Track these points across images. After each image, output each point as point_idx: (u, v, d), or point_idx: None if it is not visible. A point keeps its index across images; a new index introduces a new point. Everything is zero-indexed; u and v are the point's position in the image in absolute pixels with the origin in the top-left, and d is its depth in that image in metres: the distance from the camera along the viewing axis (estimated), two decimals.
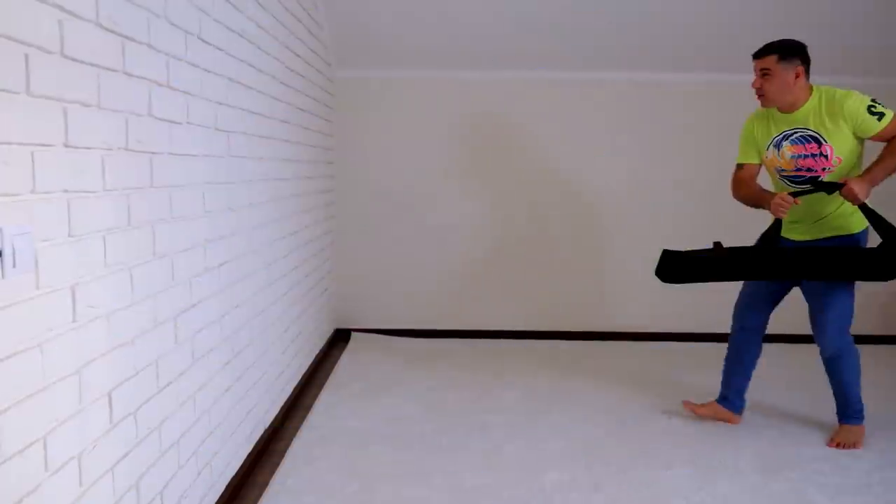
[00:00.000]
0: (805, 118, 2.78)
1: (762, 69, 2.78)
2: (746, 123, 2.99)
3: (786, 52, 2.74)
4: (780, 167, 2.87)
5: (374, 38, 4.12)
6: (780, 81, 2.75)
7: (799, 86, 2.76)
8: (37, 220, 1.31)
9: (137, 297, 1.72)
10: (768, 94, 2.79)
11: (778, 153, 2.85)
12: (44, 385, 1.35)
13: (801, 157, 2.80)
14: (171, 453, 1.94)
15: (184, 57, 1.97)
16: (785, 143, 2.82)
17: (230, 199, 2.39)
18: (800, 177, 2.82)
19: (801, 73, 2.75)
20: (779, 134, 2.84)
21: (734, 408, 3.11)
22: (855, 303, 4.60)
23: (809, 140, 2.77)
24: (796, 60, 2.74)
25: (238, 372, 2.50)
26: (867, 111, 2.70)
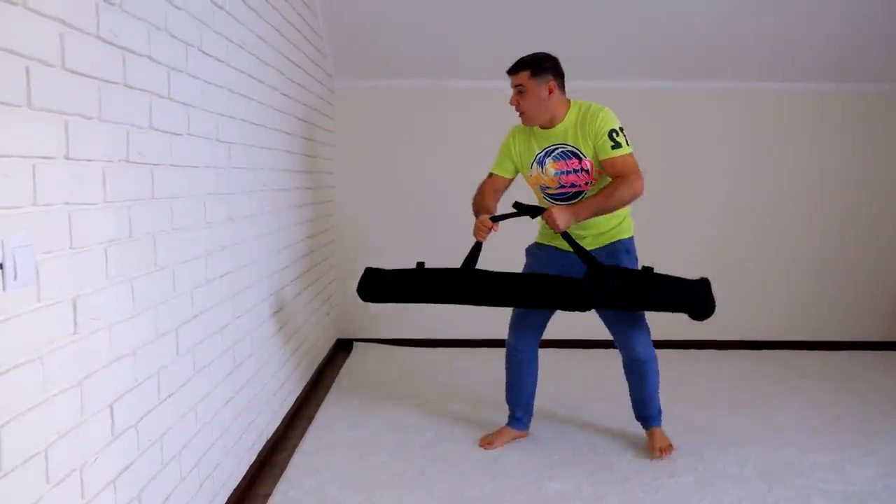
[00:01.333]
0: (564, 133, 2.73)
1: (516, 85, 2.71)
2: (508, 136, 2.91)
3: (537, 67, 2.66)
4: (544, 184, 2.81)
5: (375, 48, 4.14)
6: (534, 97, 2.68)
7: (554, 101, 2.70)
8: (38, 232, 1.32)
9: (138, 309, 1.72)
10: (527, 111, 2.72)
11: (542, 170, 2.78)
12: (45, 397, 1.34)
13: (564, 174, 2.75)
14: (172, 465, 1.93)
15: (184, 69, 1.98)
16: (547, 159, 2.77)
17: (231, 210, 2.39)
18: (563, 193, 2.77)
19: (554, 87, 2.68)
20: (541, 150, 2.77)
21: (522, 426, 3.02)
22: (860, 309, 4.62)
23: (570, 156, 2.73)
24: (548, 75, 2.67)
25: (240, 383, 2.50)
26: (608, 134, 2.64)
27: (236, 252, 2.45)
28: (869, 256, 4.56)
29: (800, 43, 4.10)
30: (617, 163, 2.65)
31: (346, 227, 4.48)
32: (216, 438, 2.26)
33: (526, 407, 3.03)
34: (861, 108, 4.45)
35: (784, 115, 4.46)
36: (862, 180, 4.51)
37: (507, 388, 3.05)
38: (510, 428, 3.02)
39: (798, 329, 4.61)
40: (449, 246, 4.49)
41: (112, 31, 1.57)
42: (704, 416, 3.27)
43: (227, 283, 2.36)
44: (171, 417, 1.92)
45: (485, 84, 4.37)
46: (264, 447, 2.79)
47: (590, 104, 2.74)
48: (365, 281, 2.85)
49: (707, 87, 4.39)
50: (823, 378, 3.91)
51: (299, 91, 3.38)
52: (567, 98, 2.77)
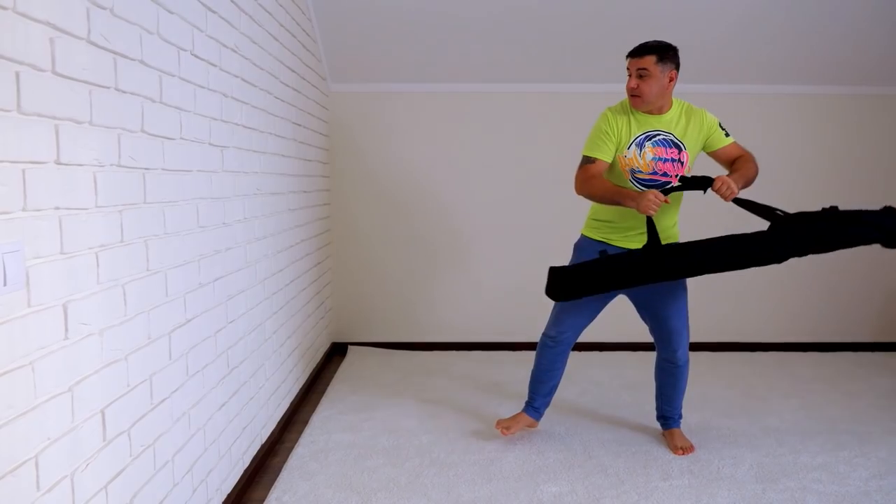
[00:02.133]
0: (670, 123, 2.77)
1: (640, 69, 2.70)
2: (602, 118, 2.83)
3: (664, 54, 2.69)
4: (636, 168, 2.77)
5: (369, 52, 4.14)
6: (656, 83, 2.69)
7: (670, 90, 2.74)
8: (28, 237, 1.31)
9: (130, 314, 1.71)
10: (645, 95, 2.71)
11: (639, 153, 2.77)
12: (35, 403, 1.34)
13: (661, 161, 2.76)
14: (165, 471, 1.92)
15: (177, 73, 1.98)
16: (647, 143, 2.76)
17: (224, 214, 2.39)
18: (654, 181, 2.77)
19: (675, 76, 2.72)
20: (641, 133, 2.77)
21: (538, 414, 3.07)
22: (852, 309, 4.63)
23: (671, 145, 2.76)
24: (671, 64, 2.70)
25: (233, 387, 2.49)
26: (718, 126, 2.81)
27: (230, 256, 2.45)
28: (860, 258, 4.57)
29: (800, 46, 4.11)
30: (733, 148, 2.83)
31: (341, 230, 4.48)
32: (210, 443, 2.26)
33: (546, 398, 3.07)
34: (856, 109, 4.47)
35: (779, 116, 4.47)
36: (855, 182, 4.52)
37: (533, 376, 3.07)
38: (525, 414, 3.06)
39: (791, 330, 4.63)
40: (445, 247, 4.51)
41: (103, 35, 1.56)
42: (698, 418, 3.27)
43: (221, 287, 2.36)
44: (163, 422, 1.91)
45: (480, 87, 4.38)
46: (258, 452, 2.78)
47: (689, 104, 2.84)
48: (554, 281, 2.74)
49: (705, 90, 4.40)
50: (816, 379, 3.92)
51: (293, 95, 3.38)
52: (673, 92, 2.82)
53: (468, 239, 4.51)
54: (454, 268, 4.53)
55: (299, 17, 3.53)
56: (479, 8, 3.84)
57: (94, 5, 1.53)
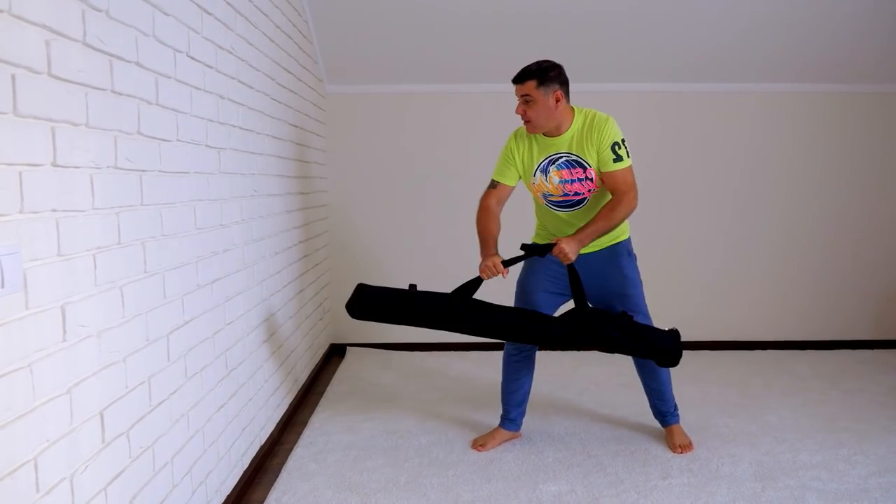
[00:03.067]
0: (569, 142, 2.72)
1: (523, 95, 2.67)
2: (508, 142, 2.86)
3: (543, 76, 2.64)
4: (547, 192, 2.79)
5: (366, 53, 4.14)
6: (542, 107, 2.66)
7: (561, 110, 2.68)
8: (25, 239, 1.31)
9: (128, 316, 1.71)
10: (534, 120, 2.69)
11: (546, 178, 2.77)
12: (34, 405, 1.34)
13: (568, 182, 2.74)
14: (164, 473, 1.92)
15: (173, 74, 1.98)
16: (552, 167, 2.75)
17: (222, 216, 2.39)
18: (567, 201, 2.78)
19: (561, 96, 2.67)
20: (544, 159, 2.75)
21: (516, 426, 3.04)
22: (850, 308, 4.64)
23: (575, 165, 2.72)
24: (554, 84, 2.66)
25: (232, 389, 2.49)
26: (611, 147, 2.67)
27: (227, 258, 2.45)
28: (859, 255, 4.58)
29: (798, 45, 4.11)
30: (617, 176, 2.69)
31: (339, 231, 4.48)
32: (209, 445, 2.26)
33: (520, 407, 3.03)
34: (853, 108, 4.47)
35: (775, 116, 4.48)
36: (851, 180, 4.53)
37: (504, 389, 3.05)
38: (503, 429, 3.02)
39: (789, 329, 4.63)
40: (441, 249, 4.51)
41: (99, 37, 1.57)
42: (697, 417, 3.27)
43: (219, 288, 2.36)
44: (162, 424, 1.91)
45: (476, 88, 4.38)
46: (258, 453, 2.78)
47: (595, 113, 2.74)
48: (355, 298, 2.78)
49: (703, 89, 4.41)
50: (815, 377, 3.93)
51: (290, 96, 3.38)
52: (572, 106, 2.76)
53: (465, 240, 4.50)
54: (452, 269, 4.52)
55: (295, 18, 3.53)
56: (475, 9, 3.84)
57: (90, 7, 1.53)
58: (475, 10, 3.85)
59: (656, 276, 4.56)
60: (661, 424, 3.03)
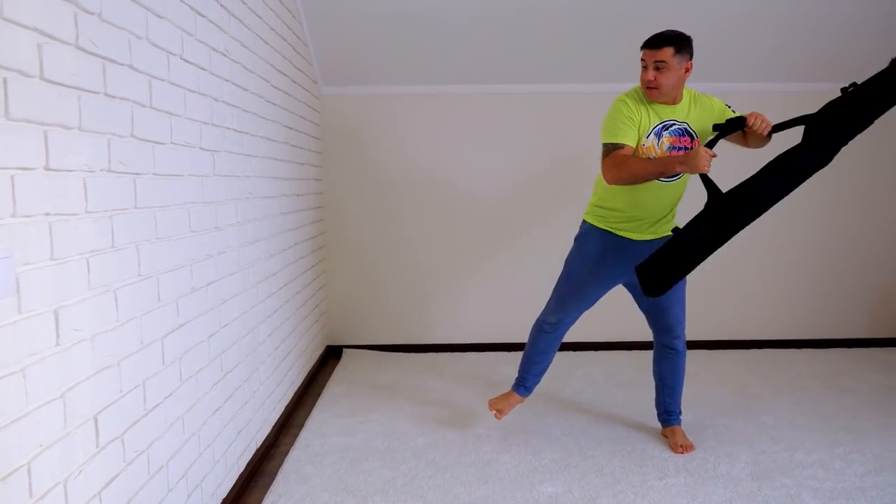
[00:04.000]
0: (683, 112, 2.77)
1: (657, 61, 2.65)
2: (621, 104, 2.77)
3: (681, 44, 2.66)
4: (652, 156, 2.75)
5: (360, 55, 4.14)
6: (674, 74, 2.66)
7: (684, 81, 2.73)
8: (18, 243, 1.31)
9: (122, 319, 1.71)
10: (663, 87, 2.67)
11: (657, 142, 2.75)
12: (27, 410, 1.33)
13: (676, 150, 2.75)
14: (159, 477, 1.92)
15: (166, 77, 1.97)
16: (665, 133, 2.74)
17: (216, 219, 2.38)
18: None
19: (691, 67, 2.70)
20: (659, 123, 2.74)
21: (529, 392, 3.13)
22: (846, 306, 4.64)
23: (684, 134, 2.76)
24: (688, 54, 2.68)
25: (227, 392, 2.49)
26: (726, 107, 2.83)
27: (222, 260, 2.44)
28: (853, 254, 4.59)
29: (791, 44, 4.13)
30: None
31: (335, 233, 4.47)
32: (204, 448, 2.25)
33: (538, 378, 3.12)
34: None
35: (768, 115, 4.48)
36: (844, 180, 4.54)
37: (528, 357, 3.10)
38: (516, 394, 3.11)
39: (784, 327, 4.64)
40: (439, 250, 4.51)
41: (91, 40, 1.56)
42: (693, 416, 3.28)
43: (214, 291, 2.35)
44: (157, 428, 1.91)
45: (471, 89, 4.38)
46: (254, 456, 2.77)
47: (696, 91, 2.83)
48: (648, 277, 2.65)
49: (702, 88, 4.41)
50: (810, 376, 3.93)
51: (284, 98, 3.37)
52: None
53: (462, 241, 4.51)
54: (448, 270, 4.53)
55: (290, 20, 3.52)
56: (470, 10, 3.84)
57: (82, 10, 1.53)
58: (469, 13, 3.85)
59: None
60: (663, 424, 3.04)
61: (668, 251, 2.63)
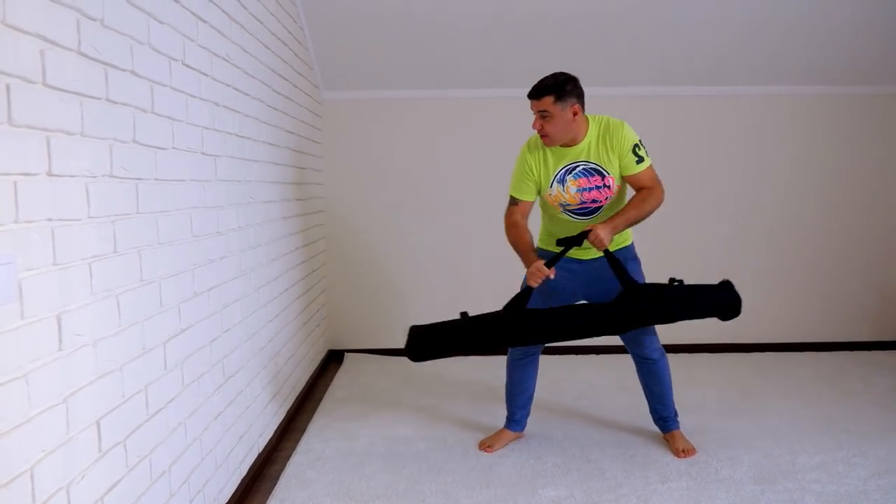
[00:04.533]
0: (587, 151, 2.72)
1: (540, 111, 2.66)
2: (522, 155, 2.83)
3: (560, 91, 2.63)
4: (564, 202, 2.79)
5: (362, 60, 4.15)
6: (560, 121, 2.65)
7: (578, 122, 2.69)
8: (20, 249, 1.31)
9: (124, 324, 1.71)
10: (551, 135, 2.68)
11: (563, 188, 2.76)
12: (30, 415, 1.33)
13: (586, 191, 2.74)
14: (161, 481, 1.92)
15: (168, 83, 1.98)
16: (568, 177, 2.74)
17: (218, 224, 2.38)
18: (584, 209, 2.78)
19: (579, 109, 2.67)
20: (561, 168, 2.75)
21: (521, 427, 3.08)
22: (849, 309, 4.63)
23: (592, 173, 2.72)
24: (571, 98, 2.65)
25: (230, 396, 2.49)
26: (632, 150, 2.70)
27: (224, 265, 2.44)
28: (856, 257, 4.59)
29: (796, 47, 4.13)
30: (642, 176, 2.73)
31: (336, 237, 4.48)
32: (206, 453, 2.25)
33: (525, 409, 3.07)
34: (849, 110, 4.48)
35: (772, 118, 4.49)
36: (849, 182, 4.54)
37: (509, 391, 3.07)
38: (508, 430, 3.05)
39: (787, 330, 4.63)
40: (440, 254, 4.51)
41: (93, 46, 1.57)
42: (696, 420, 3.27)
43: (215, 296, 2.35)
44: (159, 433, 1.91)
45: (473, 94, 4.39)
46: (255, 460, 2.77)
47: (608, 119, 2.75)
48: (412, 342, 2.73)
49: (698, 92, 4.42)
50: (813, 379, 3.93)
51: (286, 103, 3.38)
52: (586, 116, 2.76)
53: (463, 245, 4.51)
54: (449, 274, 4.53)
55: (291, 25, 3.53)
56: (471, 14, 3.85)
57: (84, 17, 1.53)
58: (471, 17, 3.86)
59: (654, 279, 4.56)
60: (662, 430, 3.03)
61: (448, 328, 2.71)
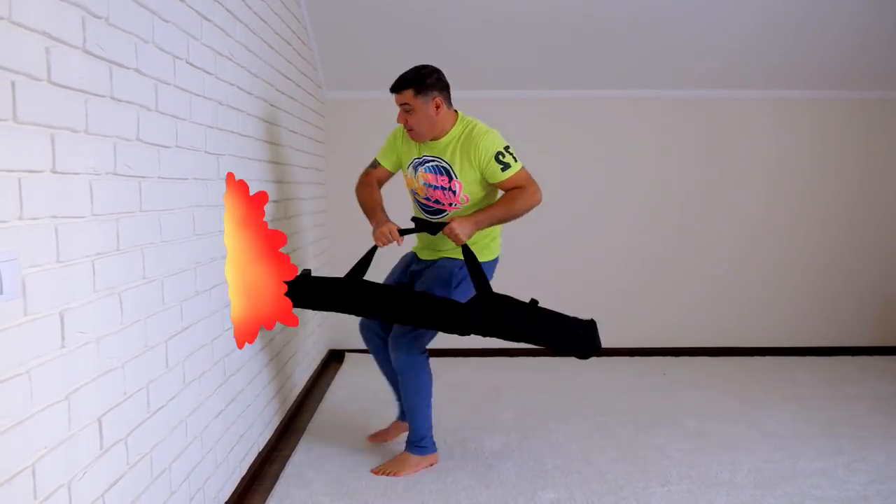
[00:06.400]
0: (444, 148, 2.69)
1: (402, 104, 2.64)
2: (394, 131, 2.85)
3: (420, 84, 2.61)
4: (414, 189, 2.78)
5: (365, 60, 4.15)
6: (422, 114, 2.63)
7: (442, 116, 2.65)
8: (24, 246, 1.31)
9: (127, 322, 1.71)
10: (415, 128, 2.66)
11: (415, 175, 2.76)
12: (32, 412, 1.34)
13: (431, 188, 2.72)
14: (162, 479, 1.92)
15: (172, 81, 1.98)
16: (421, 168, 2.73)
17: (220, 222, 2.38)
18: (429, 206, 2.77)
19: (441, 102, 2.64)
20: (419, 157, 2.74)
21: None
22: (850, 314, 4.62)
23: (442, 172, 2.70)
24: (433, 91, 2.62)
25: (231, 395, 2.49)
26: (495, 158, 2.62)
27: None
28: (857, 262, 4.59)
29: (800, 52, 4.13)
30: (510, 182, 2.66)
31: (338, 237, 4.47)
32: (207, 451, 2.25)
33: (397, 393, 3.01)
34: (853, 115, 4.48)
35: (775, 123, 4.49)
36: (849, 187, 4.54)
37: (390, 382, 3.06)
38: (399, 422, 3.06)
39: (788, 335, 4.63)
40: None
41: (98, 44, 1.57)
42: (696, 424, 3.27)
43: (217, 294, 2.36)
44: (160, 431, 1.91)
45: (476, 94, 4.38)
46: (256, 459, 2.77)
47: (475, 124, 2.69)
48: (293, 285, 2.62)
49: (701, 96, 4.42)
50: (814, 384, 3.92)
51: (289, 102, 3.38)
52: (454, 111, 2.72)
53: None
54: None
55: (295, 25, 3.54)
56: (474, 15, 3.85)
57: (90, 14, 1.53)
58: (474, 17, 3.86)
59: (656, 283, 4.57)
60: None
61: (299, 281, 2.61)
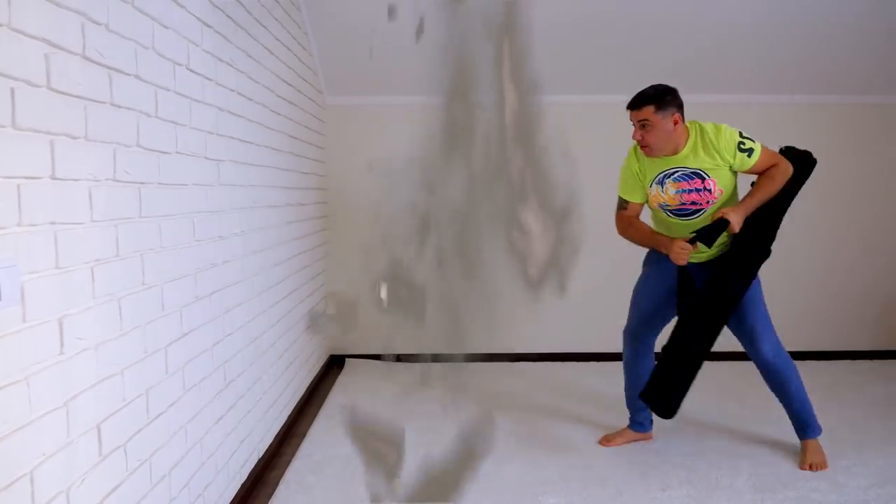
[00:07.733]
0: (685, 158, 2.74)
1: (640, 121, 2.69)
2: (626, 161, 2.90)
3: (661, 101, 2.66)
4: (663, 203, 2.81)
5: (365, 65, 4.15)
6: (661, 131, 2.68)
7: (678, 131, 2.71)
8: (23, 252, 1.31)
9: (126, 328, 1.71)
10: (652, 145, 2.71)
11: (661, 189, 2.79)
12: (30, 419, 1.34)
13: (685, 192, 2.76)
14: (162, 486, 1.92)
15: (172, 87, 1.98)
16: (667, 180, 2.77)
17: (220, 228, 2.39)
18: (685, 210, 2.79)
19: (679, 118, 2.70)
20: (659, 173, 2.78)
21: (645, 428, 3.13)
22: (848, 318, 4.62)
23: (692, 177, 2.74)
24: (672, 108, 2.68)
25: (230, 401, 2.49)
26: (738, 149, 2.70)
27: (226, 269, 2.44)
28: (856, 266, 4.58)
29: (800, 57, 4.14)
30: (759, 164, 2.74)
31: (339, 243, 4.48)
32: (207, 457, 2.25)
33: (646, 410, 3.09)
34: (852, 119, 4.49)
35: (774, 127, 4.49)
36: (850, 191, 4.54)
37: (627, 395, 3.13)
38: (630, 430, 3.12)
39: (786, 340, 4.58)
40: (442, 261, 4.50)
41: (98, 50, 1.57)
42: (696, 429, 3.27)
43: (217, 300, 2.36)
44: (160, 437, 1.91)
45: None
46: (256, 465, 2.77)
47: (701, 126, 2.76)
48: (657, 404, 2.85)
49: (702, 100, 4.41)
50: (812, 388, 3.88)
51: (289, 108, 3.39)
52: (685, 125, 2.77)
53: None
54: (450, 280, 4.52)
55: (295, 30, 3.54)
56: None
57: (89, 21, 1.54)
58: None
59: None
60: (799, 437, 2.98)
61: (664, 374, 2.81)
